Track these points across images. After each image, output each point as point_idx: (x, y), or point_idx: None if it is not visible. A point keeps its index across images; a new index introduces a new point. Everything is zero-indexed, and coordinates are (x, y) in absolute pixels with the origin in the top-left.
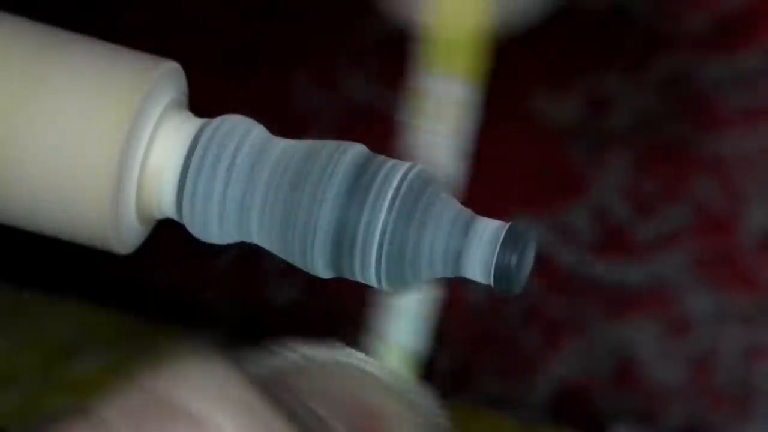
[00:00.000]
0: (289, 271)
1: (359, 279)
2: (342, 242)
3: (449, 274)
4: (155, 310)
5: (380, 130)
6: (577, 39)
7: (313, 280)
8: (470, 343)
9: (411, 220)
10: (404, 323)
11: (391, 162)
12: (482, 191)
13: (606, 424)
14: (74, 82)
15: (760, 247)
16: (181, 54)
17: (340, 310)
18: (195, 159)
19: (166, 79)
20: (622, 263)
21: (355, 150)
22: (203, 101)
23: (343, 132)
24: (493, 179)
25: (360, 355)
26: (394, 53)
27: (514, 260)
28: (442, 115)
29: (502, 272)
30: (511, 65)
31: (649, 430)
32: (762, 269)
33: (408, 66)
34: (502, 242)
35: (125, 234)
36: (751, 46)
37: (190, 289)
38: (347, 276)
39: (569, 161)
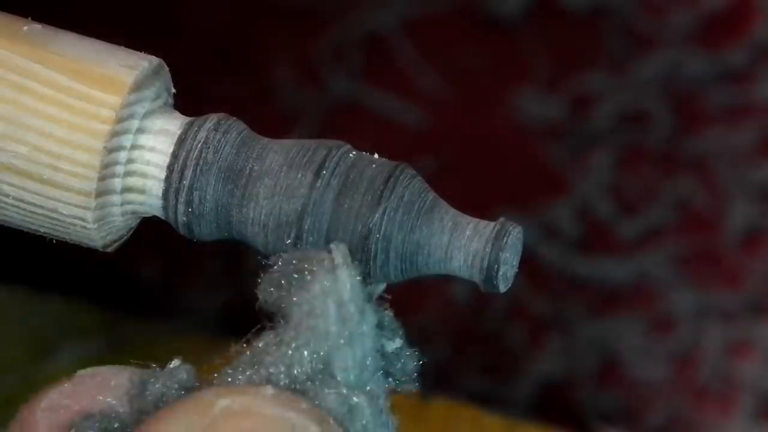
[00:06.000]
0: None
1: None
2: (332, 242)
3: (438, 272)
4: (139, 305)
5: (364, 127)
6: (560, 38)
7: None
8: (454, 339)
9: (401, 218)
10: None
11: (379, 161)
12: (467, 190)
13: (589, 421)
14: (58, 78)
15: (742, 244)
16: (166, 51)
17: None
18: (180, 157)
19: (151, 75)
20: (606, 261)
21: (342, 150)
22: (188, 99)
23: (327, 129)
24: (477, 178)
25: None
26: (377, 50)
27: (501, 258)
28: None
29: (489, 270)
30: (495, 64)
31: (633, 429)
32: (744, 266)
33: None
34: (489, 240)
35: (109, 232)
36: (734, 44)
37: (174, 285)
38: None
39: (553, 160)
